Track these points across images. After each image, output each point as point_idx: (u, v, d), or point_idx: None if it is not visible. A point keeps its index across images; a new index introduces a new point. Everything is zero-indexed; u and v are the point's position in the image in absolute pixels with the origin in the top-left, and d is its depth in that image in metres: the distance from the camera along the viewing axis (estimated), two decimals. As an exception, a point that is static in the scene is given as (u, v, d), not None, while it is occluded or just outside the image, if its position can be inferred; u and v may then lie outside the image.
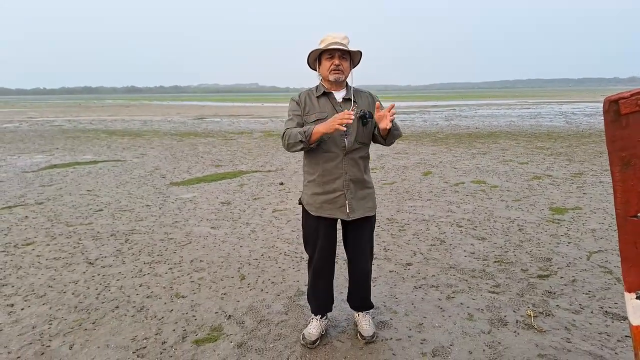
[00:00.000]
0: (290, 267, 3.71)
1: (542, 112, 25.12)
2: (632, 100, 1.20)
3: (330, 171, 2.35)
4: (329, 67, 2.32)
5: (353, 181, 2.37)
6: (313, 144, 2.25)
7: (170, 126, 20.32)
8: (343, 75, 2.34)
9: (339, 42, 2.28)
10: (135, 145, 12.81)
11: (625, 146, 1.25)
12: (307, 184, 2.47)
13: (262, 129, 18.01)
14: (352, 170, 2.37)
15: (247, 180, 7.51)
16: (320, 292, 2.61)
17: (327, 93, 2.40)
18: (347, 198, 2.36)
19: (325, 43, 2.31)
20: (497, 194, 6.20)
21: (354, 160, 2.37)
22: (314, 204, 2.42)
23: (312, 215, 2.44)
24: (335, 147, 2.33)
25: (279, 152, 11.11)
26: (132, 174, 8.22)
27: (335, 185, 2.36)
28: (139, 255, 4.05)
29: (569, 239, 4.28)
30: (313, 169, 2.41)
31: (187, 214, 5.40)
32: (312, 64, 2.43)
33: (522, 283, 3.33)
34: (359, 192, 2.41)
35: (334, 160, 2.34)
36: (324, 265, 2.52)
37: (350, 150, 2.35)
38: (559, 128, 15.82)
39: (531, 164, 8.59)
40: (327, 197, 2.38)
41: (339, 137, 2.32)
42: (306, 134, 2.22)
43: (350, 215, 2.38)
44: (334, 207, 2.38)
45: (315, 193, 2.41)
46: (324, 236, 2.46)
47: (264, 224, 4.97)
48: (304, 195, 2.50)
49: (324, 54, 2.34)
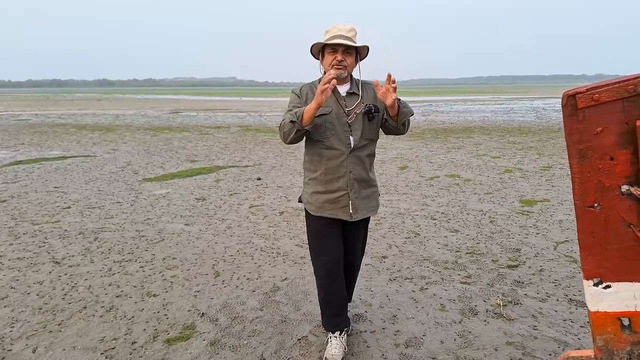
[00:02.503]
0: (266, 263, 3.69)
1: (515, 108, 25.73)
2: (588, 95, 1.23)
3: (333, 170, 2.20)
4: (331, 62, 2.15)
5: (357, 180, 2.23)
6: (308, 125, 2.08)
7: (143, 120, 19.86)
8: (345, 72, 2.18)
9: (344, 35, 2.11)
10: (106, 140, 12.46)
11: (582, 139, 1.29)
12: (307, 182, 2.32)
13: (239, 124, 17.82)
14: (357, 169, 2.22)
15: (224, 176, 7.42)
16: (336, 302, 2.36)
17: None
18: (350, 198, 2.22)
19: (329, 35, 2.15)
20: (470, 187, 6.32)
21: (359, 159, 2.22)
22: (315, 203, 2.27)
23: (315, 216, 2.29)
24: (340, 144, 2.18)
25: (256, 146, 11.02)
26: (103, 170, 8.00)
27: (339, 184, 2.22)
28: (109, 253, 3.95)
29: (537, 230, 4.40)
30: (315, 167, 2.26)
31: (160, 211, 5.30)
32: (315, 54, 2.27)
33: (493, 273, 3.41)
34: (363, 192, 2.27)
35: (338, 159, 2.19)
36: (335, 268, 2.29)
37: (356, 147, 2.20)
38: (530, 123, 16.24)
39: (503, 158, 8.79)
40: (329, 197, 2.23)
41: (344, 134, 2.17)
42: (297, 115, 2.08)
43: (353, 216, 2.24)
44: (336, 206, 2.24)
45: (317, 192, 2.27)
46: (330, 237, 2.28)
47: (240, 219, 4.92)
48: (304, 194, 2.36)
49: (327, 47, 2.17)
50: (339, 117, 2.19)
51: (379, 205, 2.43)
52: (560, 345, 2.42)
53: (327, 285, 2.32)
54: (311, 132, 2.18)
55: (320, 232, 2.30)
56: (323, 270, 2.30)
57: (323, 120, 2.17)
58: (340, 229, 2.33)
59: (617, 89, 1.21)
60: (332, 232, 2.29)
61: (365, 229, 2.48)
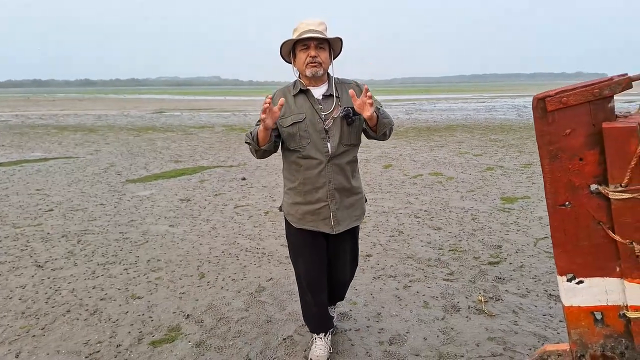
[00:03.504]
0: (251, 264, 3.70)
1: (497, 106, 26.11)
2: (557, 98, 1.28)
3: (312, 180, 2.06)
4: (305, 59, 2.00)
5: (338, 190, 2.09)
6: (266, 144, 1.97)
7: (126, 121, 19.59)
8: (321, 69, 2.02)
9: (314, 29, 1.98)
10: (88, 141, 12.27)
11: (552, 140, 1.34)
12: (287, 192, 2.21)
13: (224, 123, 17.71)
14: (337, 177, 2.08)
15: (208, 176, 7.39)
16: (317, 310, 2.32)
17: (304, 91, 2.07)
18: (331, 209, 2.09)
19: (298, 32, 2.01)
20: (452, 185, 6.42)
21: (339, 167, 2.08)
22: (295, 214, 2.15)
23: (296, 227, 2.18)
24: (317, 153, 2.03)
25: (241, 146, 10.97)
26: (85, 172, 7.88)
27: (318, 195, 2.08)
28: (92, 256, 3.91)
29: (518, 226, 4.50)
30: (293, 176, 2.13)
31: (144, 212, 5.26)
32: (286, 57, 2.10)
33: (474, 270, 3.48)
34: (345, 201, 2.13)
35: (316, 168, 2.05)
36: (315, 280, 2.23)
37: (334, 155, 2.05)
38: (511, 121, 16.52)
39: (485, 155, 8.93)
40: (309, 208, 2.10)
41: (321, 142, 2.02)
42: (252, 135, 1.99)
43: (335, 229, 2.12)
44: (317, 218, 2.11)
45: (296, 202, 2.14)
46: (312, 248, 2.18)
47: (225, 220, 4.92)
48: (284, 204, 2.24)
49: (297, 44, 2.01)
50: (314, 124, 2.04)
51: (365, 211, 2.30)
52: (540, 340, 2.49)
53: (309, 297, 2.28)
54: (286, 142, 2.08)
55: (301, 244, 2.22)
56: (305, 283, 2.26)
57: (297, 128, 2.04)
58: (323, 240, 2.22)
59: (583, 92, 1.26)
60: (314, 244, 2.19)
61: (352, 240, 2.32)
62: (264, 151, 2.02)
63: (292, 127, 2.03)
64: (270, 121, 1.89)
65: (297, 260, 2.27)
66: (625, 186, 1.29)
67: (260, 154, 2.04)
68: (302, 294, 2.33)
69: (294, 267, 2.33)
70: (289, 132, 2.05)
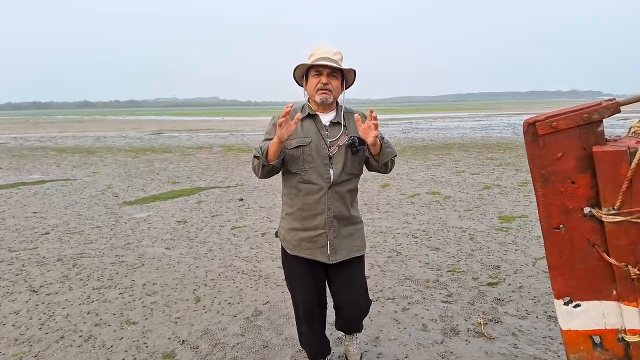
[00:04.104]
0: (248, 287, 3.66)
1: (492, 124, 26.34)
2: (547, 123, 1.30)
3: (311, 206, 2.04)
4: (316, 85, 2.02)
5: (337, 218, 2.07)
6: (274, 160, 1.94)
7: (125, 142, 19.66)
8: (331, 97, 2.04)
9: (329, 57, 2.00)
10: (86, 163, 12.28)
11: (544, 164, 1.35)
12: (284, 217, 2.17)
13: (222, 144, 17.79)
14: (337, 205, 2.06)
15: (205, 197, 7.38)
16: (314, 338, 2.29)
17: (312, 115, 2.08)
18: (328, 237, 2.06)
19: (313, 57, 2.03)
20: (450, 204, 6.42)
21: (339, 195, 2.06)
22: (291, 240, 2.12)
23: (291, 255, 2.14)
24: (319, 179, 2.02)
25: (239, 166, 11.00)
26: (83, 194, 7.86)
27: (316, 222, 2.05)
28: (88, 280, 3.87)
29: (516, 246, 4.49)
30: (292, 201, 2.10)
31: (141, 235, 5.23)
32: (299, 79, 2.14)
33: (473, 291, 3.45)
34: (343, 230, 2.10)
35: (316, 194, 2.03)
36: (312, 309, 2.19)
37: (336, 182, 2.03)
38: (508, 139, 16.63)
39: (482, 174, 8.96)
40: (307, 235, 2.07)
41: (324, 167, 2.02)
42: (262, 149, 1.95)
43: (331, 258, 2.07)
44: (313, 246, 2.07)
45: (294, 228, 2.11)
46: (308, 277, 2.14)
47: (221, 242, 4.89)
48: (280, 229, 2.20)
49: (311, 70, 2.04)
50: (318, 149, 2.03)
51: (366, 244, 2.24)
52: (540, 362, 2.46)
53: (306, 326, 2.25)
54: (288, 164, 2.05)
55: (296, 272, 2.16)
56: (301, 311, 2.21)
57: (301, 151, 2.02)
58: (321, 270, 2.17)
59: (573, 117, 1.28)
60: (310, 273, 2.14)
61: (358, 273, 2.20)
62: (271, 167, 1.98)
63: (296, 149, 2.02)
64: (285, 132, 1.88)
65: (293, 289, 2.22)
66: (617, 209, 1.30)
67: (266, 170, 2.00)
68: (298, 322, 2.28)
69: (291, 295, 2.28)
70: (292, 154, 2.03)
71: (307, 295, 2.16)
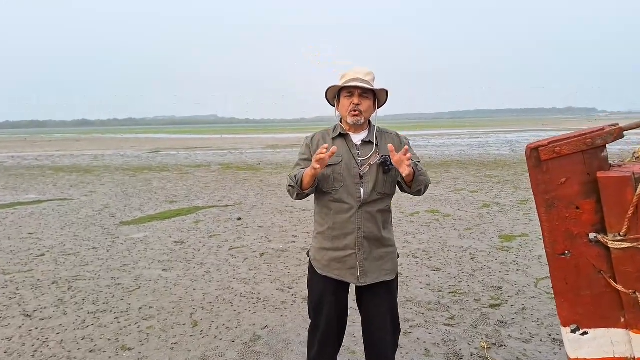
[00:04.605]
0: (246, 310, 3.59)
1: (490, 141, 26.50)
2: (550, 148, 1.29)
3: (341, 225, 2.03)
4: (348, 107, 2.04)
5: (367, 239, 2.03)
6: (309, 188, 1.99)
7: (122, 160, 19.66)
8: (362, 118, 2.05)
9: (361, 78, 2.03)
10: (84, 182, 12.24)
11: (547, 189, 1.33)
12: (316, 236, 2.16)
13: (220, 162, 17.80)
14: (367, 225, 2.03)
15: (203, 217, 7.33)
16: None
17: (344, 135, 2.10)
18: (358, 258, 2.02)
19: (345, 79, 2.07)
20: (450, 223, 6.38)
21: (370, 214, 2.03)
22: (322, 260, 2.10)
23: (320, 275, 2.11)
24: (349, 197, 2.01)
25: (237, 185, 10.97)
26: (79, 214, 7.81)
27: (347, 241, 2.03)
28: (83, 304, 3.80)
29: (518, 266, 4.44)
30: (323, 220, 2.10)
31: (137, 256, 5.16)
32: (331, 100, 2.18)
33: (476, 314, 3.39)
34: (374, 252, 2.05)
35: (347, 213, 2.02)
36: (329, 335, 2.15)
37: (366, 202, 2.01)
38: (505, 156, 16.71)
39: (481, 192, 8.95)
40: (336, 255, 2.05)
41: (354, 186, 2.02)
42: (297, 178, 1.99)
43: (361, 280, 2.03)
44: (343, 267, 2.05)
45: (324, 248, 2.09)
46: (332, 301, 2.10)
47: (219, 263, 4.83)
48: (311, 249, 2.20)
49: (343, 91, 2.08)
50: (349, 168, 2.03)
51: (397, 268, 2.16)
52: (546, 389, 2.40)
53: (317, 351, 2.18)
54: (320, 183, 2.06)
55: (323, 293, 2.12)
56: (318, 336, 2.16)
57: (332, 170, 2.03)
58: (346, 294, 2.15)
59: (576, 142, 1.27)
60: (337, 295, 2.11)
61: (388, 296, 2.12)
62: (305, 194, 2.04)
63: (327, 169, 2.01)
64: (320, 170, 1.89)
65: (316, 313, 2.16)
66: (624, 235, 1.27)
67: (301, 196, 2.05)
68: (310, 347, 2.22)
69: (310, 315, 2.21)
70: (323, 173, 2.02)
71: (329, 316, 2.11)
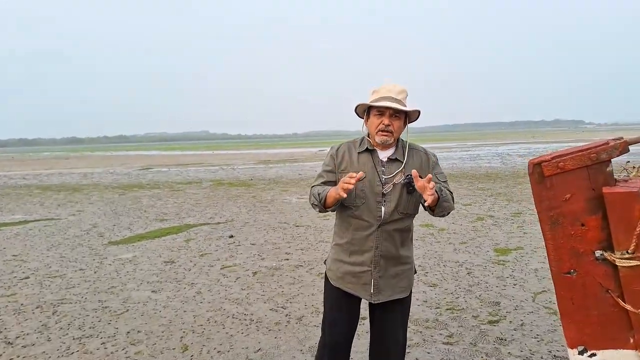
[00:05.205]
0: (238, 332, 3.47)
1: (481, 154, 26.71)
2: (553, 163, 1.24)
3: (359, 241, 2.01)
4: (377, 125, 1.98)
5: (384, 257, 2.00)
6: (331, 208, 1.97)
7: (112, 178, 19.43)
8: (392, 138, 1.99)
9: (393, 97, 1.96)
10: (72, 201, 12.03)
11: (552, 206, 1.28)
12: (334, 246, 2.14)
13: (212, 178, 17.66)
14: (385, 244, 1.99)
15: (194, 235, 7.19)
16: None
17: (370, 150, 2.04)
18: (373, 276, 1.99)
19: (376, 96, 2.00)
20: (445, 237, 6.33)
21: (388, 234, 1.99)
22: (336, 271, 2.08)
23: (334, 286, 2.09)
24: (369, 216, 1.97)
25: (229, 201, 10.85)
26: (67, 234, 7.62)
27: (363, 258, 2.00)
28: (68, 329, 3.65)
29: (515, 280, 4.38)
30: (343, 233, 2.08)
31: (126, 277, 5.01)
32: (361, 114, 2.11)
33: (474, 331, 3.31)
34: (390, 270, 2.02)
35: (366, 231, 1.98)
36: (338, 344, 2.11)
37: (386, 221, 1.97)
38: (497, 169, 16.81)
39: (474, 205, 8.94)
40: (352, 269, 2.03)
41: (375, 204, 1.97)
42: (320, 197, 1.96)
43: (374, 298, 2.00)
44: (357, 282, 2.02)
45: (340, 260, 2.07)
46: (344, 312, 2.09)
47: (210, 283, 4.70)
48: (329, 258, 2.17)
49: (373, 107, 2.01)
50: (372, 185, 1.98)
51: (412, 285, 2.13)
52: (550, 410, 2.32)
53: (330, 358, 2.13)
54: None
55: (335, 304, 2.11)
56: (328, 346, 2.12)
57: (355, 186, 1.93)
58: (358, 308, 2.13)
59: (580, 157, 1.22)
60: (349, 308, 2.09)
61: (402, 316, 2.10)
62: (328, 211, 2.02)
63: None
64: (345, 194, 1.84)
65: (327, 318, 2.14)
66: (632, 253, 1.22)
67: (319, 211, 2.04)
68: (322, 355, 2.15)
69: (323, 325, 2.17)
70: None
71: (338, 328, 2.09)
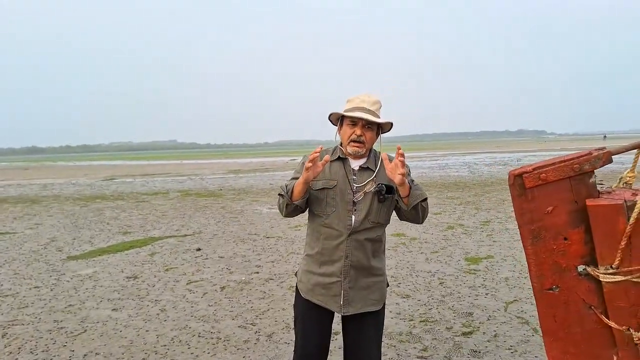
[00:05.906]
0: (205, 352, 3.28)
1: (449, 163, 27.28)
2: (535, 174, 1.18)
3: (329, 251, 1.96)
4: (349, 135, 1.96)
5: (355, 267, 1.95)
6: (299, 200, 1.90)
7: (74, 189, 18.60)
8: (364, 149, 1.98)
9: (367, 108, 1.94)
10: (29, 214, 11.39)
11: (533, 219, 1.22)
12: (305, 257, 2.10)
13: (179, 189, 17.18)
14: (356, 254, 1.94)
15: (159, 248, 6.89)
16: None
17: (342, 158, 2.03)
18: (343, 287, 1.94)
19: (350, 105, 1.98)
20: (416, 246, 6.32)
21: (359, 243, 1.95)
22: (307, 283, 2.03)
23: (304, 298, 2.04)
24: (339, 224, 1.94)
25: (197, 212, 10.54)
26: (22, 249, 7.16)
27: (333, 268, 1.95)
28: (18, 354, 3.35)
29: (486, 289, 4.38)
30: (314, 243, 2.03)
31: (85, 295, 4.71)
32: (334, 121, 2.10)
33: (449, 343, 3.26)
34: (361, 281, 1.97)
35: (335, 240, 1.95)
36: (312, 356, 2.03)
37: (357, 230, 1.93)
38: (465, 178, 17.15)
39: (444, 214, 9.02)
40: (322, 280, 1.98)
41: (345, 213, 1.93)
42: (288, 189, 1.92)
43: (343, 310, 1.95)
44: (327, 293, 1.97)
45: (310, 271, 2.02)
46: (314, 323, 2.01)
47: (175, 299, 4.47)
48: (299, 270, 2.12)
49: (346, 117, 1.98)
50: (343, 194, 1.95)
51: (385, 298, 2.07)
52: None
53: None
54: (312, 205, 2.00)
55: (305, 316, 2.04)
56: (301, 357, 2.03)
57: (325, 194, 1.96)
58: (329, 321, 2.05)
59: (562, 167, 1.17)
60: (319, 320, 2.02)
61: (374, 330, 2.01)
62: (294, 207, 1.94)
63: (320, 191, 1.97)
64: (312, 174, 1.83)
65: (298, 333, 2.07)
66: (616, 267, 1.17)
67: (290, 209, 1.95)
68: None
69: (295, 338, 2.09)
70: (317, 196, 1.98)
71: (308, 342, 2.00)
